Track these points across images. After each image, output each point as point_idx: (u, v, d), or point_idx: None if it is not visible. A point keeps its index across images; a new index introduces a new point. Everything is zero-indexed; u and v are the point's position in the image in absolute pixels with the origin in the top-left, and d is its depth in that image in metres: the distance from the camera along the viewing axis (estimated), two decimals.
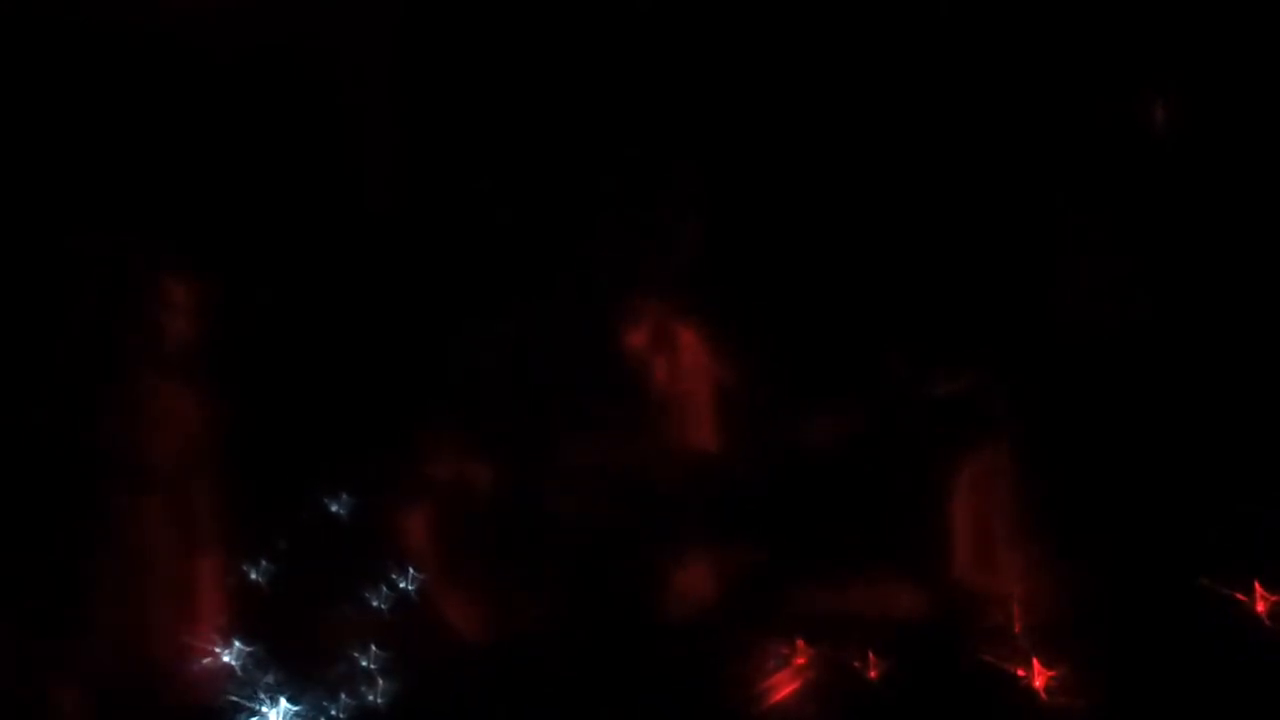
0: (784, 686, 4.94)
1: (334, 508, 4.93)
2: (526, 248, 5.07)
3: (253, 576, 4.88)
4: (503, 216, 5.05)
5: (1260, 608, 4.72)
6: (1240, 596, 4.73)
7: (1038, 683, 4.79)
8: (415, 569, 4.90)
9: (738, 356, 5.01)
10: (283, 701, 4.77)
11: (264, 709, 4.77)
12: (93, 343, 4.88)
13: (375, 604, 4.89)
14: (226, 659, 4.79)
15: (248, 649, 4.80)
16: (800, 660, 4.95)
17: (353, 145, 5.07)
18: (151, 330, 4.82)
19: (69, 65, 4.97)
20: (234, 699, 4.76)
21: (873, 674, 4.90)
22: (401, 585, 4.89)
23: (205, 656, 4.77)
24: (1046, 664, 4.79)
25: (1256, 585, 4.71)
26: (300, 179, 5.00)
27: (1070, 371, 4.90)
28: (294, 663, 4.82)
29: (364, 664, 4.84)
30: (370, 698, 4.83)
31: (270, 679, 4.79)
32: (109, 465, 4.81)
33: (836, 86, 4.96)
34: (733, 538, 5.00)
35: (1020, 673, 4.82)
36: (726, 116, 4.96)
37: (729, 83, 4.96)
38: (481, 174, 5.07)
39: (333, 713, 4.82)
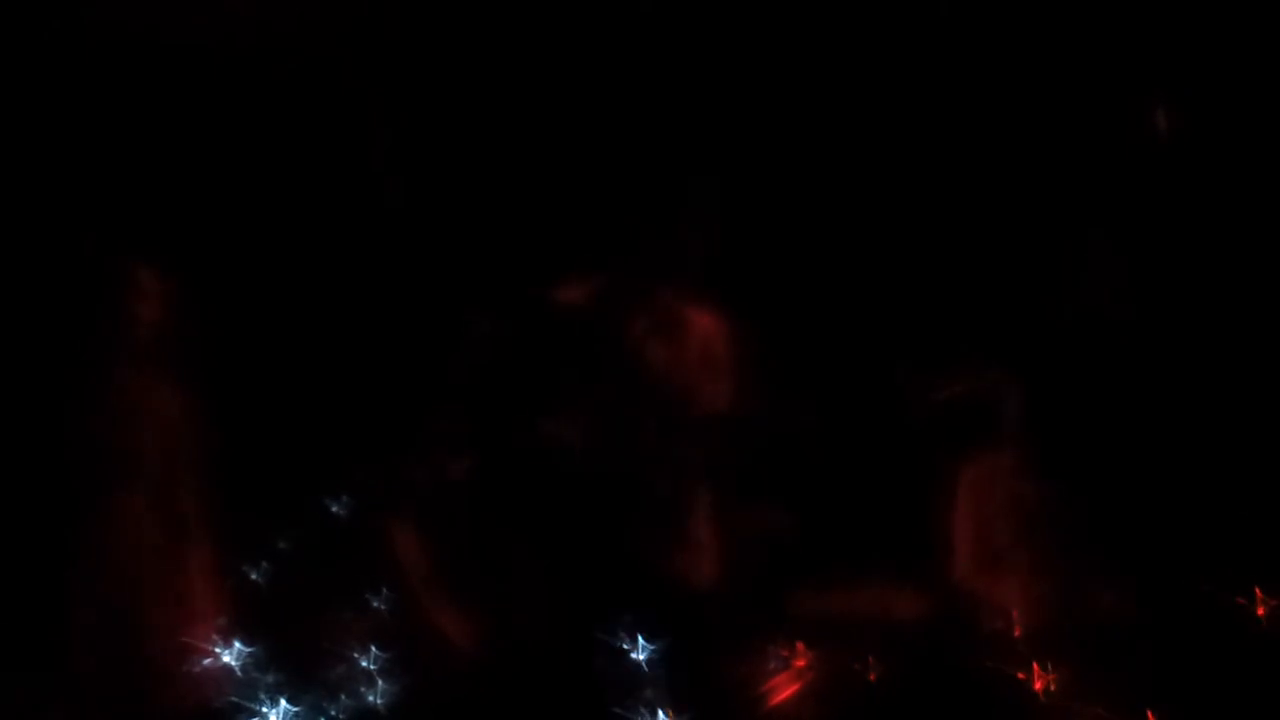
0: (784, 689, 4.93)
1: (334, 509, 4.93)
2: (528, 245, 5.07)
3: (253, 578, 4.88)
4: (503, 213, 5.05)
5: (1260, 611, 4.71)
6: (1240, 600, 4.72)
7: (1037, 685, 4.79)
8: (411, 573, 4.91)
9: (741, 360, 5.01)
10: (282, 702, 4.77)
11: (264, 709, 4.77)
12: (84, 342, 4.87)
13: (375, 605, 4.89)
14: (226, 660, 4.79)
15: (248, 650, 4.79)
16: (800, 663, 4.95)
17: (352, 150, 5.07)
18: (149, 331, 4.81)
19: (53, 65, 4.97)
20: (234, 700, 4.76)
21: (872, 677, 4.90)
22: (400, 588, 4.90)
23: (205, 657, 4.76)
24: (1046, 667, 4.78)
25: (1256, 590, 4.70)
26: (302, 183, 4.99)
27: (1072, 377, 4.90)
28: (294, 664, 4.82)
29: (363, 665, 4.84)
30: (370, 698, 4.83)
31: (270, 680, 4.79)
32: (99, 465, 4.80)
33: (850, 94, 4.96)
34: (734, 541, 5.00)
35: (1020, 676, 4.81)
36: (744, 124, 4.96)
37: (746, 91, 4.96)
38: (485, 172, 5.07)
39: (332, 713, 4.83)
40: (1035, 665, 4.79)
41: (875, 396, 5.00)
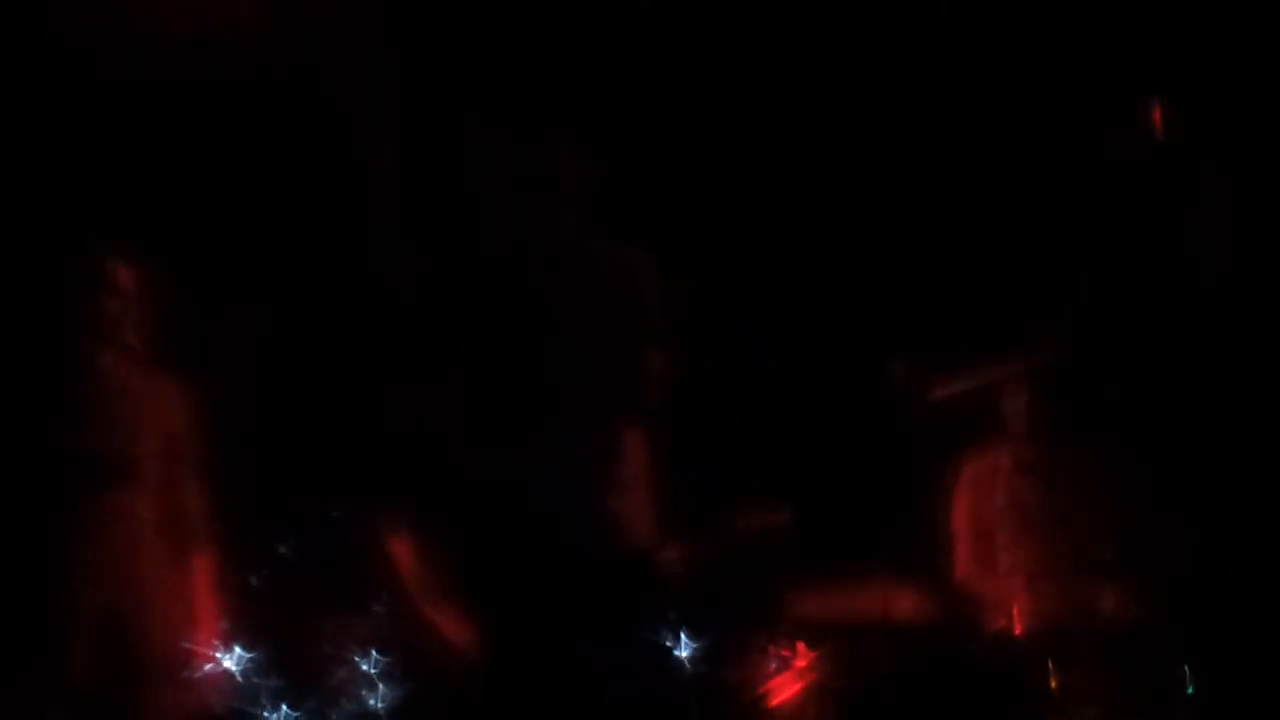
0: (786, 689, 4.94)
1: (334, 513, 4.89)
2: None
3: (253, 583, 4.83)
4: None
5: (1260, 609, 4.75)
6: (1239, 599, 4.76)
7: (1039, 684, 4.81)
8: (412, 576, 4.87)
9: (743, 355, 5.01)
10: (284, 707, 4.72)
11: (265, 715, 4.72)
12: (81, 344, 4.78)
13: (376, 609, 4.85)
14: (227, 665, 4.73)
15: (248, 655, 4.74)
16: (801, 663, 4.95)
17: (351, 150, 5.03)
18: (149, 334, 4.73)
19: (51, 64, 4.91)
20: (235, 706, 4.71)
21: (873, 676, 4.91)
22: (401, 591, 4.86)
23: (205, 663, 4.70)
24: (1048, 666, 4.81)
25: (1256, 588, 4.75)
26: (304, 183, 4.95)
27: (1073, 374, 4.93)
28: (295, 668, 4.77)
29: (365, 669, 4.80)
30: (371, 702, 4.79)
31: (271, 685, 4.74)
32: (96, 467, 4.71)
33: (847, 93, 4.98)
34: (734, 540, 5.00)
35: (1021, 675, 4.83)
36: (744, 120, 4.96)
37: (748, 85, 4.96)
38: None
39: (333, 718, 4.78)
40: (1037, 664, 4.81)
41: (876, 394, 5.02)
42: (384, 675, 4.81)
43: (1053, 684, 4.80)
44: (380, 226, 5.05)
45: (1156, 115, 4.95)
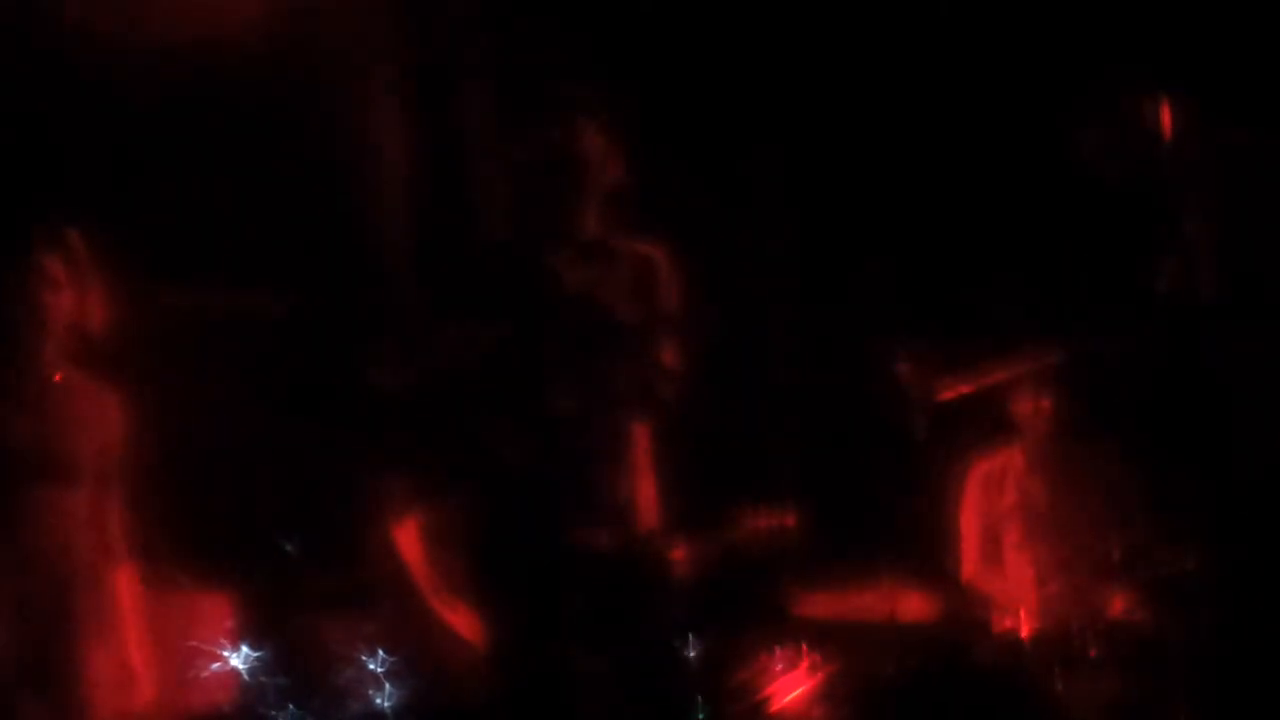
0: (791, 690, 4.93)
1: (340, 511, 4.85)
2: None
3: (259, 582, 4.78)
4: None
5: (1264, 609, 4.79)
6: (1242, 599, 4.80)
7: (1046, 686, 4.83)
8: (419, 575, 4.84)
9: (752, 353, 5.01)
10: (290, 706, 4.67)
11: (272, 714, 4.67)
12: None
13: (382, 608, 4.81)
14: (234, 664, 4.67)
15: (255, 654, 4.69)
16: (807, 663, 4.95)
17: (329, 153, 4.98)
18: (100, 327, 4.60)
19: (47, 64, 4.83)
20: (241, 705, 4.66)
21: (879, 677, 4.92)
22: (408, 590, 4.83)
23: (213, 661, 4.65)
24: (1054, 668, 4.83)
25: (1265, 590, 4.79)
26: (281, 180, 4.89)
27: (1081, 376, 4.95)
28: (301, 668, 4.72)
29: (372, 668, 4.76)
30: (378, 701, 4.75)
31: (278, 684, 4.69)
32: (28, 462, 4.58)
33: (856, 91, 4.98)
34: (741, 539, 4.99)
35: (1028, 677, 4.85)
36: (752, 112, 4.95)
37: (766, 91, 4.96)
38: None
39: (340, 718, 4.74)
40: (1044, 665, 4.84)
41: (884, 394, 5.02)
42: (390, 674, 4.76)
43: (1059, 686, 4.82)
44: (388, 215, 5.00)
45: (1163, 115, 4.98)
